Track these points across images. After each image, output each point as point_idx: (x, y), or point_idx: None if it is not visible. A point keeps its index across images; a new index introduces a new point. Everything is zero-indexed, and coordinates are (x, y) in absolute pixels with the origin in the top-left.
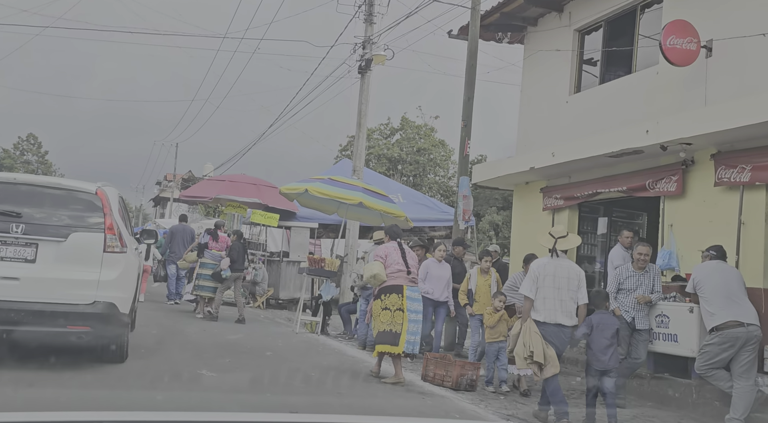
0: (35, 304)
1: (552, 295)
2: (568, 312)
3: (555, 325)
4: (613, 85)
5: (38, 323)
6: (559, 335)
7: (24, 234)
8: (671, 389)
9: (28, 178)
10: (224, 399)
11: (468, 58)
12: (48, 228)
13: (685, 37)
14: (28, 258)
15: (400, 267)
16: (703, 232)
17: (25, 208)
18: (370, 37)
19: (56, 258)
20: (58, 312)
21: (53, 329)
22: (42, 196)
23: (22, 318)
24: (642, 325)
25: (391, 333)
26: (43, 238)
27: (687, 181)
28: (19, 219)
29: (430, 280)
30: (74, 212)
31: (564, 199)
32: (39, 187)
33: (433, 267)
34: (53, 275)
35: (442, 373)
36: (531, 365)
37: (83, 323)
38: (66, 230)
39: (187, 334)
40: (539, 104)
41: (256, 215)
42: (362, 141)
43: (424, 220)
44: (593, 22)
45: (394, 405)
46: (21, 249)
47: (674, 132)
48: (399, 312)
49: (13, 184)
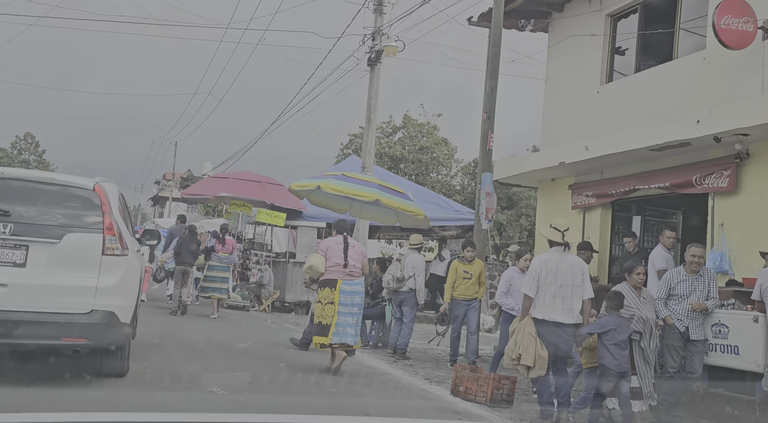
0: (25, 314)
1: (552, 292)
2: (569, 310)
3: (553, 323)
4: (651, 73)
5: (28, 335)
6: (558, 334)
7: (12, 235)
8: (729, 406)
9: (18, 172)
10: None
11: (491, 46)
12: (40, 228)
13: (741, 17)
14: (18, 262)
15: (339, 261)
16: (760, 232)
17: (15, 206)
18: (380, 27)
19: (49, 261)
20: (51, 322)
21: (45, 342)
22: (34, 192)
23: (9, 330)
24: (697, 336)
25: (321, 325)
26: (35, 239)
27: (741, 175)
28: (7, 218)
29: (515, 294)
30: (70, 210)
31: (596, 196)
32: (30, 182)
33: (517, 278)
34: (46, 281)
35: (474, 387)
36: (518, 366)
37: (79, 335)
38: (60, 230)
39: (194, 342)
40: (566, 96)
41: (262, 214)
42: (372, 137)
43: (436, 219)
44: (627, 5)
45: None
46: (9, 251)
47: (730, 122)
48: (330, 305)
49: (0, 179)
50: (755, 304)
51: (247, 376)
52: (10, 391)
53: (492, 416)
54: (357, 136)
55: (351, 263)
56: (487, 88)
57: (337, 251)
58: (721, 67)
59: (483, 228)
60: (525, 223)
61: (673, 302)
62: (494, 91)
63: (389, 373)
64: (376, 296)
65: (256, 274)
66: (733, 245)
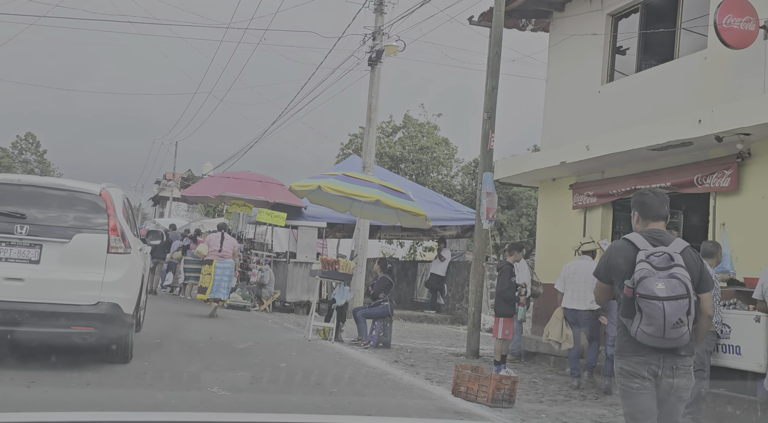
0: (39, 305)
1: (572, 287)
2: (582, 299)
3: (571, 309)
4: (652, 72)
5: (42, 324)
6: (575, 317)
7: (28, 235)
8: (731, 406)
9: (33, 179)
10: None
11: (492, 46)
12: (52, 229)
13: (743, 16)
14: (33, 259)
15: (215, 248)
16: (761, 232)
17: (30, 209)
18: (381, 27)
19: (60, 259)
20: (62, 313)
21: (57, 330)
22: (46, 197)
23: (26, 319)
24: None
25: (202, 287)
26: (48, 239)
27: (742, 175)
28: (23, 220)
29: None
30: (78, 213)
31: (597, 196)
32: (43, 188)
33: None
34: (57, 276)
35: (475, 387)
36: (550, 342)
37: (87, 324)
38: (70, 231)
39: (194, 342)
40: (567, 95)
41: (263, 214)
42: (372, 137)
43: (437, 219)
44: (628, 5)
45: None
46: (25, 250)
47: (732, 121)
48: (208, 276)
49: (17, 185)
50: (757, 303)
51: (247, 376)
52: (11, 391)
53: (493, 416)
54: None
55: (225, 249)
56: (487, 88)
57: (216, 243)
58: (722, 66)
59: (484, 228)
60: (526, 223)
61: None
62: (495, 91)
63: (390, 373)
64: (376, 296)
65: (256, 273)
66: (734, 245)
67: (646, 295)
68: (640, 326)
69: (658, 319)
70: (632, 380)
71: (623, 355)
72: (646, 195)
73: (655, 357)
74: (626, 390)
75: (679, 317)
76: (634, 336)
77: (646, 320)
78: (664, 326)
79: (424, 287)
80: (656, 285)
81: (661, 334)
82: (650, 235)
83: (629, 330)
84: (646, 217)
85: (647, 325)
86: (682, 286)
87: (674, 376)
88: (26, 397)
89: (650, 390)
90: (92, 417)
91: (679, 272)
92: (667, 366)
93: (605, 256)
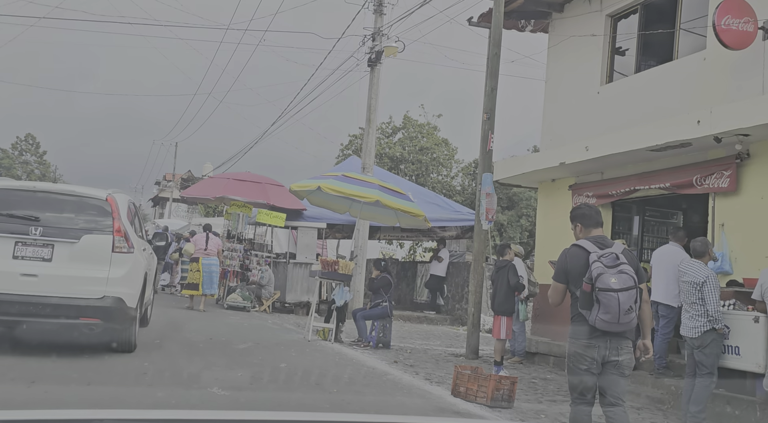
0: (51, 298)
1: None
2: None
3: None
4: (651, 73)
5: (54, 315)
6: None
7: (42, 236)
8: (730, 406)
9: (46, 186)
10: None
11: (491, 46)
12: (63, 230)
13: (742, 17)
14: (45, 257)
15: (201, 247)
16: (760, 232)
17: (43, 213)
18: (380, 28)
19: (70, 257)
20: (72, 305)
21: (67, 321)
22: (58, 202)
23: (39, 310)
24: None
25: (192, 284)
26: (59, 239)
27: (741, 176)
28: (37, 222)
29: None
30: (87, 216)
31: (596, 196)
32: (55, 194)
33: None
34: (67, 272)
35: (475, 387)
36: None
37: (93, 316)
38: (79, 232)
39: (194, 343)
40: (566, 96)
41: (262, 215)
42: (372, 137)
43: (436, 219)
44: (628, 6)
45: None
46: (39, 249)
47: (731, 122)
48: (197, 273)
49: (32, 191)
50: (756, 304)
51: (247, 375)
52: (12, 391)
53: (492, 416)
54: (357, 137)
55: (210, 248)
56: (487, 89)
57: (202, 242)
58: (721, 67)
59: (483, 228)
60: (525, 224)
61: None
62: (494, 92)
63: (389, 373)
64: (377, 290)
65: (256, 274)
66: (733, 245)
67: (604, 288)
68: (599, 315)
69: (614, 308)
70: (582, 362)
71: (577, 340)
72: (582, 208)
73: (604, 340)
74: (575, 369)
75: (630, 305)
76: (593, 324)
77: (604, 309)
78: (618, 313)
79: (424, 288)
80: (611, 279)
81: (616, 320)
82: (596, 241)
83: (587, 320)
84: (587, 226)
85: (605, 313)
86: (630, 279)
87: (619, 354)
88: (27, 396)
89: (594, 370)
90: (93, 414)
91: (626, 268)
92: (613, 346)
93: (561, 261)
